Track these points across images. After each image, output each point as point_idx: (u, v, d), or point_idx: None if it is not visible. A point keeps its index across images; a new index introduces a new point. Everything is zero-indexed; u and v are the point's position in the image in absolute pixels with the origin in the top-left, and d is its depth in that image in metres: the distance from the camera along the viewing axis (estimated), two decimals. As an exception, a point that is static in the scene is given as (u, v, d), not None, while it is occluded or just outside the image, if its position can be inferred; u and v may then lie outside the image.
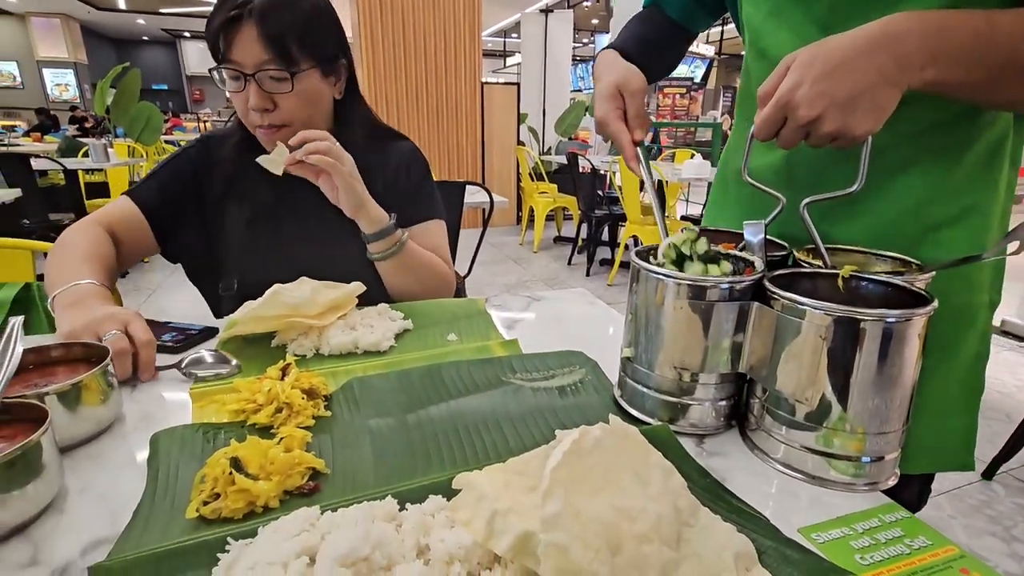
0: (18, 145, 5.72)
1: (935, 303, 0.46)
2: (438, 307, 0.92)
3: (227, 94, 0.90)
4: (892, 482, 0.50)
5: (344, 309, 0.81)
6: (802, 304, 0.46)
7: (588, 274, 4.34)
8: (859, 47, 0.50)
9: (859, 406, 0.47)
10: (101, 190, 4.46)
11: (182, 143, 1.68)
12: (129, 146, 5.37)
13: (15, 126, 9.23)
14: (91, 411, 0.55)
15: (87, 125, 8.91)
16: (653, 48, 0.84)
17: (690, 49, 0.93)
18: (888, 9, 0.52)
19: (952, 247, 0.63)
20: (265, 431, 0.56)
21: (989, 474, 1.90)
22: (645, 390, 0.56)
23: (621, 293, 3.90)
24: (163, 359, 0.73)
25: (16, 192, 2.97)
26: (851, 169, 0.53)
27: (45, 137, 7.07)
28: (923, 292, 0.49)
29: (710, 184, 4.39)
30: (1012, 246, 0.47)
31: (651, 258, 0.57)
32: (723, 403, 0.56)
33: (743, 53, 0.80)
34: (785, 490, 0.49)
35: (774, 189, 0.59)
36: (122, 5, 12.32)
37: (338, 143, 0.85)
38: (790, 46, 0.63)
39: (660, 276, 0.52)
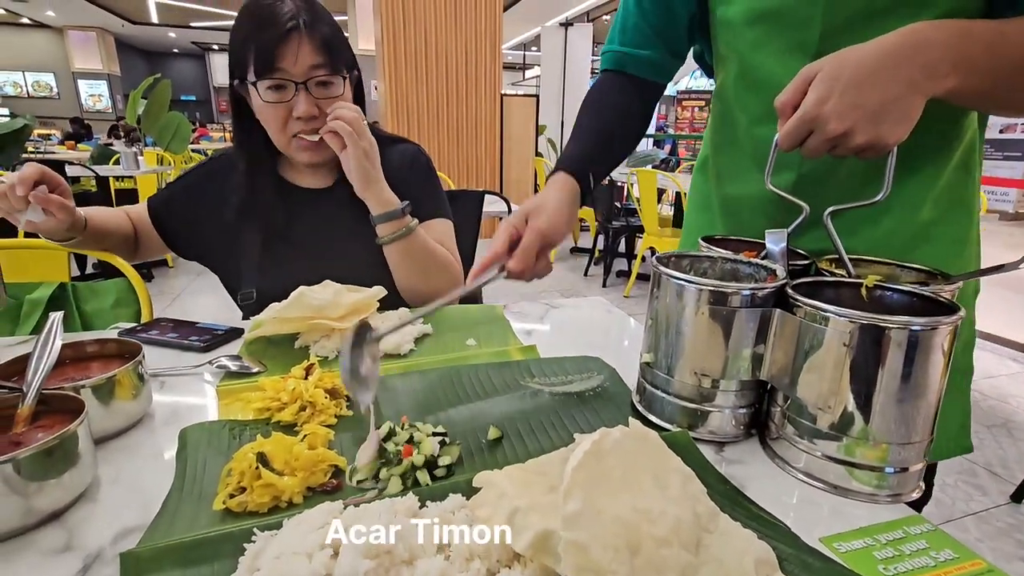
0: (53, 153, 5.92)
1: (962, 312, 0.45)
2: (458, 312, 0.93)
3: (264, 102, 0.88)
4: (916, 494, 0.49)
5: (366, 312, 0.82)
6: (826, 311, 0.46)
7: (605, 285, 4.33)
8: (884, 58, 0.50)
9: (883, 416, 0.46)
10: (131, 197, 4.58)
11: (209, 151, 1.75)
12: (158, 154, 5.53)
13: (50, 135, 9.55)
14: (123, 405, 0.57)
15: (121, 133, 9.16)
16: (611, 142, 0.79)
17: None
18: (879, 30, 0.52)
19: (942, 242, 0.68)
20: (289, 428, 0.57)
21: (1019, 497, 1.84)
22: (664, 396, 0.56)
23: (638, 305, 3.88)
24: (191, 359, 0.75)
25: (51, 197, 3.06)
26: (857, 181, 0.55)
27: (79, 146, 7.30)
28: (949, 302, 0.49)
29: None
30: (1041, 256, 0.46)
31: (672, 263, 0.58)
32: (743, 411, 0.55)
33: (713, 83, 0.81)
34: (806, 500, 0.49)
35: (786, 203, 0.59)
36: (155, 19, 12.73)
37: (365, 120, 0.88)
38: (781, 73, 0.64)
39: (682, 282, 0.53)
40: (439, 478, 0.49)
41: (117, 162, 4.70)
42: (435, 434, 0.54)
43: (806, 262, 0.64)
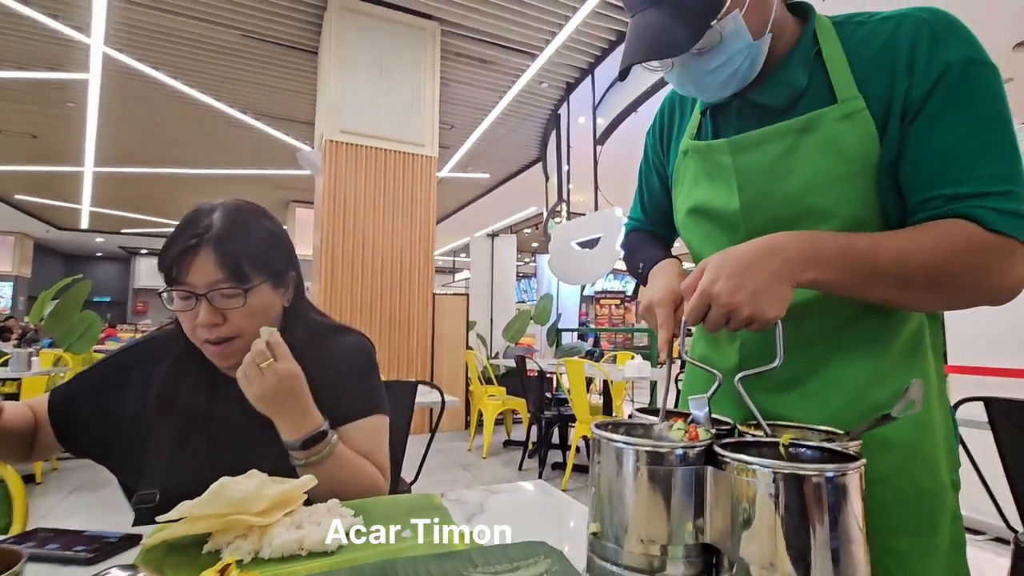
0: (-75, 356, 5.36)
1: (863, 460, 0.51)
2: (392, 503, 0.87)
3: (172, 311, 0.91)
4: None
5: (291, 505, 0.75)
6: (751, 463, 0.50)
7: (540, 477, 4.15)
8: (754, 254, 0.65)
9: (822, 571, 0.47)
10: (12, 400, 4.10)
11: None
12: (56, 355, 5.13)
13: (-71, 337, 8.73)
14: (-22, 633, 0.47)
15: (11, 336, 8.55)
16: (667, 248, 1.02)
17: (621, 268, 1.12)
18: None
19: (899, 428, 0.69)
20: (191, 648, 0.48)
21: None
22: (615, 569, 0.54)
23: (577, 498, 3.70)
24: (75, 574, 0.63)
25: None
26: (786, 365, 0.64)
27: (-39, 347, 6.69)
28: (855, 453, 0.54)
29: (653, 383, 4.62)
30: (908, 405, 0.54)
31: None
32: (696, 581, 0.54)
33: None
34: None
35: (727, 374, 0.67)
36: (85, 226, 12.93)
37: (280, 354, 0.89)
38: None
39: (620, 444, 0.55)
40: None
41: (6, 364, 4.31)
42: None
43: (728, 427, 0.70)
